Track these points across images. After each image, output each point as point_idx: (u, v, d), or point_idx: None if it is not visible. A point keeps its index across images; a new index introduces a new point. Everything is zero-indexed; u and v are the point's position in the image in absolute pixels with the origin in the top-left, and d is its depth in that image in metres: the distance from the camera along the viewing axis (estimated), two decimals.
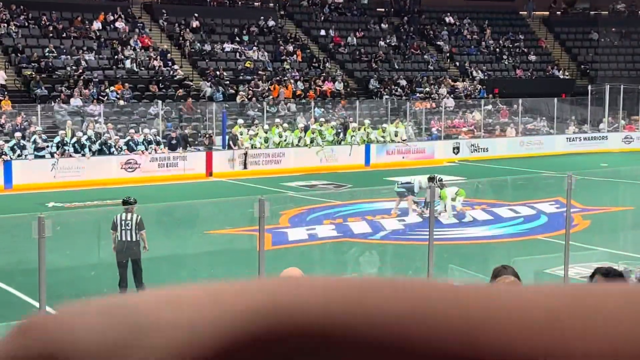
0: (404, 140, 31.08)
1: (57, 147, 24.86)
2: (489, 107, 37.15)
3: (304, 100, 33.91)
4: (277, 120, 30.08)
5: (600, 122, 38.11)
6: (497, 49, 43.82)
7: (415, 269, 13.17)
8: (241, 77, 34.54)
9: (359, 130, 30.50)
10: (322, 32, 40.48)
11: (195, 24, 37.05)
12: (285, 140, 28.94)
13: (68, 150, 24.94)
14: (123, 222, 12.45)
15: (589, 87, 38.61)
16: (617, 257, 14.14)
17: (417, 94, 37.17)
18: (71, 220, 13.88)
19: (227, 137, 28.40)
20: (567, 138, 35.90)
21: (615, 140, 36.59)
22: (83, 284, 12.98)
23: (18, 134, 24.93)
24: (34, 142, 24.78)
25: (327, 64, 37.95)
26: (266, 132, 28.79)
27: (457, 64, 41.93)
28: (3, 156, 23.90)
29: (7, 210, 19.80)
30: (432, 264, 9.23)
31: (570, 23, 47.07)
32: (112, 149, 25.89)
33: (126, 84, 31.28)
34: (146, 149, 26.15)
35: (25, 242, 7.22)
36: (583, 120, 37.91)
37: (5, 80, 30.13)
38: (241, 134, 28.35)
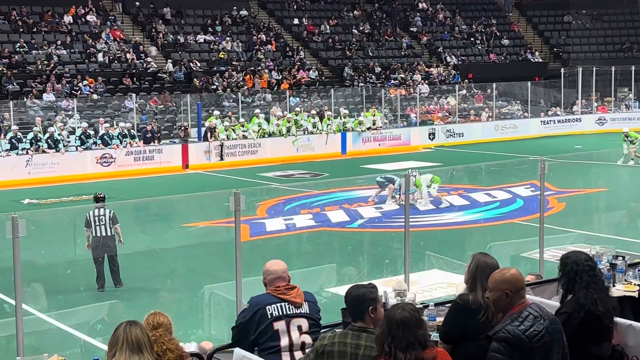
0: (377, 128, 31.15)
1: (31, 144, 24.63)
2: (464, 92, 37.30)
3: (279, 90, 33.85)
4: (257, 111, 29.98)
5: (574, 105, 38.40)
6: (470, 34, 43.95)
7: (392, 256, 13.23)
8: (215, 68, 34.40)
9: (335, 118, 30.50)
10: (296, 21, 40.39)
11: (167, 15, 36.82)
12: (264, 130, 28.82)
13: (42, 146, 24.72)
14: (97, 218, 12.42)
15: (562, 70, 38.86)
16: (592, 239, 14.30)
17: (392, 81, 37.24)
18: (46, 218, 13.77)
19: (203, 129, 28.27)
20: (541, 121, 36.15)
21: (588, 122, 36.88)
22: (59, 282, 12.93)
23: None
24: (10, 139, 24.49)
25: (301, 53, 37.88)
26: (243, 125, 28.65)
27: (431, 49, 42.01)
28: None
29: None
30: (408, 251, 9.27)
31: (542, 6, 47.29)
32: (91, 139, 25.68)
33: (99, 78, 31.03)
34: (121, 143, 25.98)
35: (0, 240, 7.16)
36: (556, 103, 38.18)
37: None
38: (216, 127, 28.21)
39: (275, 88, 34.19)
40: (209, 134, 27.61)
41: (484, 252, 5.61)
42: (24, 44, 31.64)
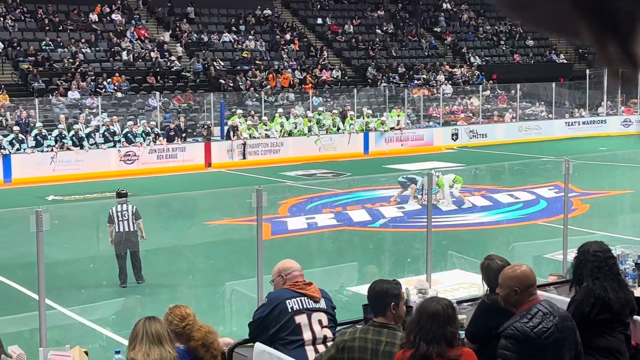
0: (400, 128, 31.09)
1: (56, 141, 24.84)
2: (487, 92, 37.11)
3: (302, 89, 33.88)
4: (280, 110, 29.99)
5: (599, 106, 38.08)
6: (495, 34, 43.73)
7: (414, 255, 13.18)
8: (238, 68, 34.49)
9: (357, 118, 30.46)
10: (319, 21, 40.40)
11: (191, 14, 36.98)
12: (287, 130, 28.83)
13: (66, 143, 24.93)
14: (119, 214, 12.48)
15: (587, 71, 38.54)
16: (616, 240, 14.14)
17: (415, 81, 37.13)
18: (69, 213, 13.88)
19: (226, 127, 28.36)
20: (565, 122, 35.89)
21: (613, 123, 36.55)
22: (82, 277, 13.01)
23: (16, 128, 24.91)
24: (35, 136, 24.71)
25: (324, 53, 37.88)
26: (265, 124, 28.68)
27: (455, 49, 41.85)
28: (2, 150, 23.89)
29: (7, 204, 19.80)
30: (430, 251, 9.24)
31: None
32: (116, 137, 25.87)
33: (123, 76, 31.23)
34: (144, 141, 26.13)
35: (24, 235, 7.22)
36: (581, 105, 37.88)
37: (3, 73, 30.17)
38: (240, 125, 28.27)
39: (299, 87, 34.20)
40: (231, 133, 27.69)
41: (490, 254, 5.59)
42: (50, 42, 31.90)
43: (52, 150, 24.63)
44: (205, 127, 28.52)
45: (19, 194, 21.66)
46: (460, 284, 12.15)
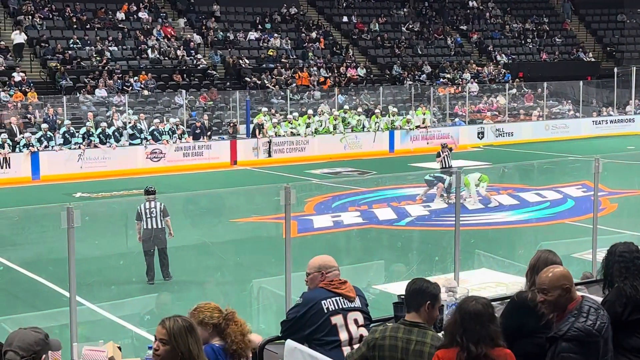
0: (425, 127, 30.99)
1: (83, 138, 25.05)
2: (514, 91, 36.87)
3: (324, 87, 33.86)
4: (310, 112, 29.96)
5: (627, 105, 37.70)
6: (522, 33, 43.42)
7: (442, 254, 13.14)
8: (264, 66, 34.55)
9: (382, 116, 30.39)
10: (345, 19, 40.36)
11: (217, 12, 37.09)
12: (312, 130, 28.82)
13: (94, 141, 25.13)
14: (148, 211, 12.54)
15: (615, 70, 38.15)
16: None
17: (441, 79, 36.98)
18: (99, 210, 13.97)
19: (251, 125, 28.43)
20: (593, 121, 35.56)
21: None
22: (112, 273, 13.09)
23: (45, 126, 25.14)
24: (64, 134, 24.94)
25: (350, 51, 37.84)
26: (291, 122, 28.71)
27: (481, 47, 41.61)
28: (30, 148, 24.13)
29: (35, 201, 20.05)
30: (458, 249, 9.19)
31: (595, 5, 46.50)
32: (143, 134, 26.03)
33: (150, 74, 31.40)
34: (170, 138, 26.27)
35: (54, 232, 7.27)
36: (609, 103, 37.51)
37: (32, 71, 30.47)
38: (265, 122, 28.32)
39: (319, 86, 34.18)
40: (257, 131, 27.75)
41: (550, 249, 5.55)
42: (77, 40, 32.13)
43: (79, 147, 24.84)
44: (231, 124, 28.60)
45: (46, 191, 21.86)
46: (487, 283, 12.09)
